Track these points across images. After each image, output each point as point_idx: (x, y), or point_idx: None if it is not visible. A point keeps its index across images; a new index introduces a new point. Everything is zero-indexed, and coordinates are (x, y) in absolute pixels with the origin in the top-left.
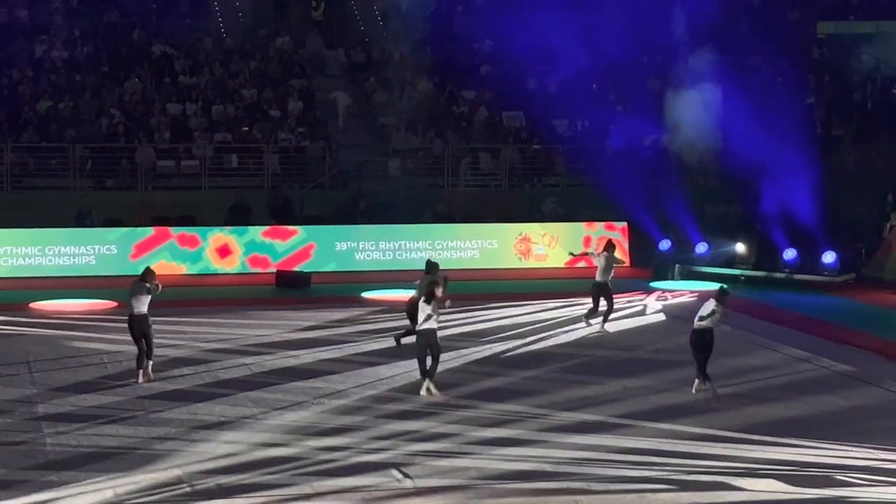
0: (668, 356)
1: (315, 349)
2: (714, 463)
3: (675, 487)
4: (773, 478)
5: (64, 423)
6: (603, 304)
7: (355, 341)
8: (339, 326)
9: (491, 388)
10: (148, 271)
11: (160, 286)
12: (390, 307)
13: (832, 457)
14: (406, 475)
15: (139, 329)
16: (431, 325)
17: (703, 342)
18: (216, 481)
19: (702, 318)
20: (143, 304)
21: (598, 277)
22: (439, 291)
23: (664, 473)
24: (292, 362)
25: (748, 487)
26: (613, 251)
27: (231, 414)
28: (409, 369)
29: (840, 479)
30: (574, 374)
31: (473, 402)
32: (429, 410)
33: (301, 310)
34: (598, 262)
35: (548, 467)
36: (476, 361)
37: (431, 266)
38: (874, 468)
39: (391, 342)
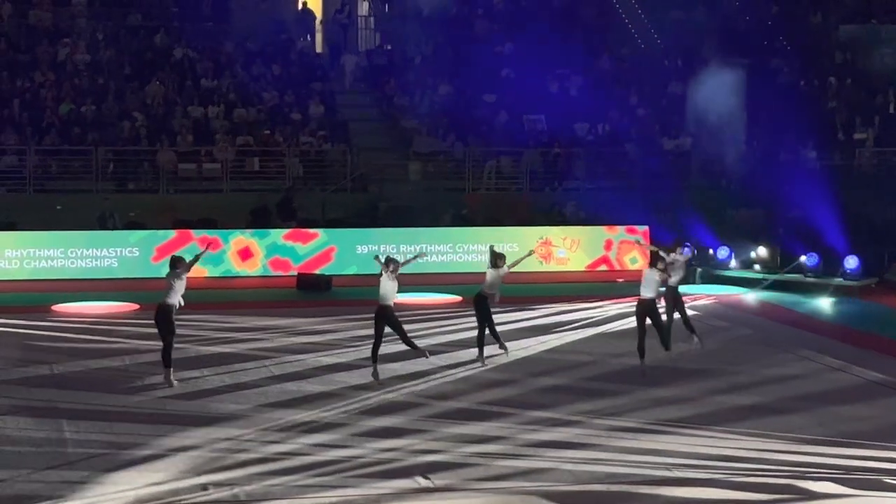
0: (697, 364)
1: (333, 351)
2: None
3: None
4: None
5: (85, 422)
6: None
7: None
8: (357, 328)
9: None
10: (174, 259)
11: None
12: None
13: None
14: (426, 479)
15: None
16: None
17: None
18: (241, 487)
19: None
20: (170, 295)
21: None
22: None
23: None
24: (312, 363)
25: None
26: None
27: (250, 414)
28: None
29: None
30: (605, 382)
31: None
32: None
33: (322, 313)
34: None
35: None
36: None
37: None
38: None
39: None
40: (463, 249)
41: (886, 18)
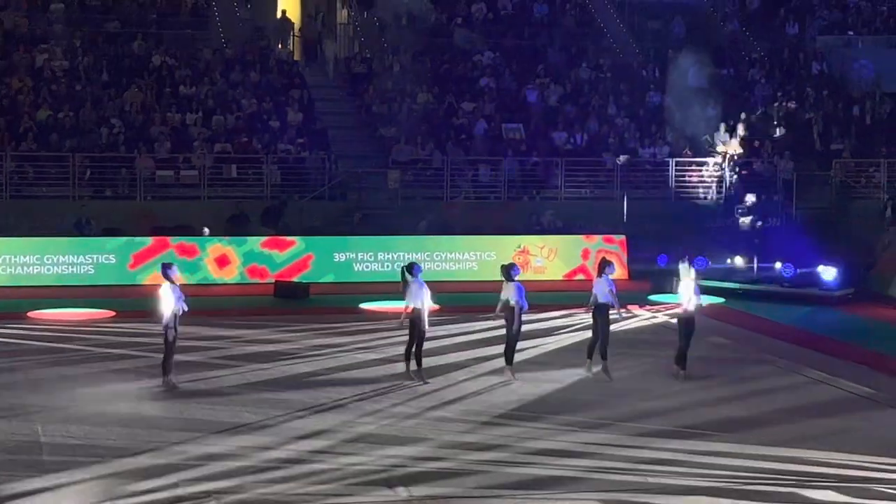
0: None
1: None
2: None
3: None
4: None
5: (61, 424)
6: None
7: (348, 350)
8: (334, 335)
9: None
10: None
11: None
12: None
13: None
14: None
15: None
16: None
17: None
18: (214, 495)
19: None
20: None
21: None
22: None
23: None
24: (289, 371)
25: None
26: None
27: (231, 421)
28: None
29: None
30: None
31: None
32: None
33: (299, 320)
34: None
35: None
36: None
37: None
38: None
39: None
40: (440, 258)
41: (863, 30)
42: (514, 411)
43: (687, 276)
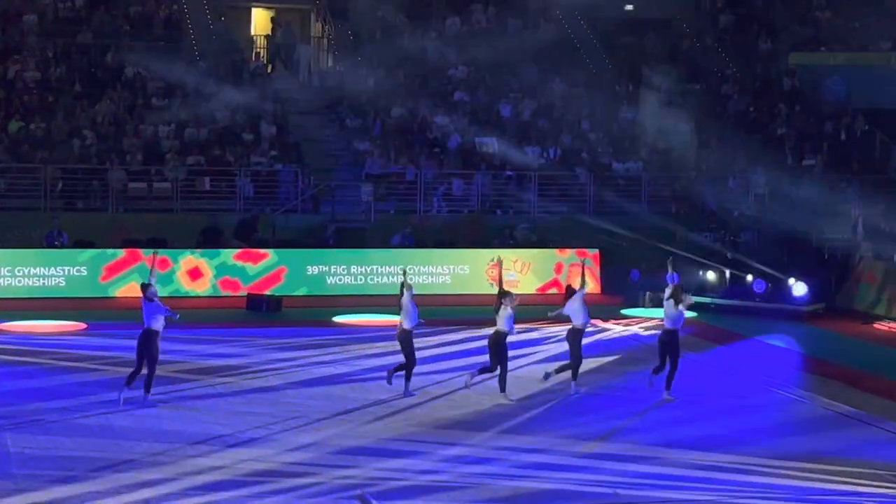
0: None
1: (284, 371)
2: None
3: None
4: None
5: (31, 436)
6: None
7: (321, 363)
8: (307, 348)
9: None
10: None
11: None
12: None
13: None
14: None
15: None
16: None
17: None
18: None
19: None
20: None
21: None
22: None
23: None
24: (261, 384)
25: None
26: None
27: (202, 433)
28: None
29: None
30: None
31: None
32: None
33: (271, 333)
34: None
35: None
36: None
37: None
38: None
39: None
40: (413, 271)
41: (836, 46)
42: (490, 425)
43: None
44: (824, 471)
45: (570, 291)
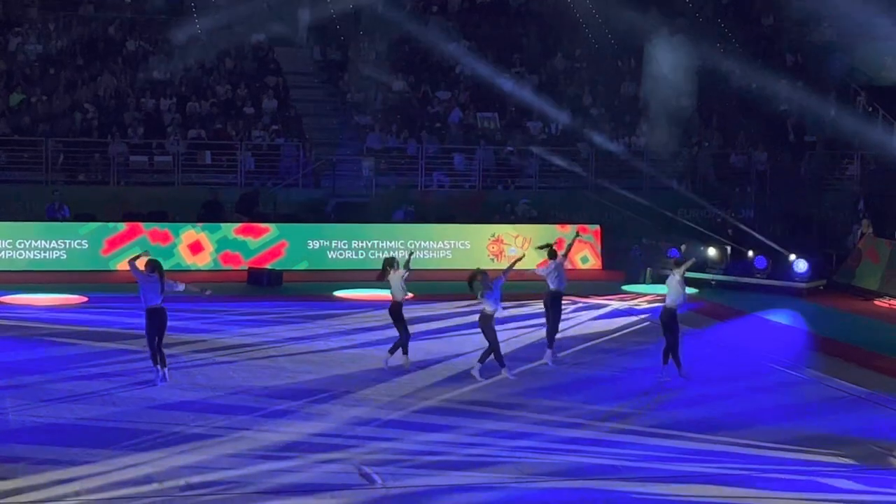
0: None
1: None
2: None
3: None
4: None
5: (32, 408)
6: None
7: (321, 336)
8: (307, 321)
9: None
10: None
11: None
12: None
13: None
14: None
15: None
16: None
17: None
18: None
19: None
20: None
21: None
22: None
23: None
24: (263, 357)
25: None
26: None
27: (203, 401)
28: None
29: None
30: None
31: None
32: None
33: (272, 307)
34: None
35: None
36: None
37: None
38: None
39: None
40: (414, 246)
41: (839, 22)
42: (498, 402)
43: (675, 270)
44: (830, 450)
45: (552, 255)
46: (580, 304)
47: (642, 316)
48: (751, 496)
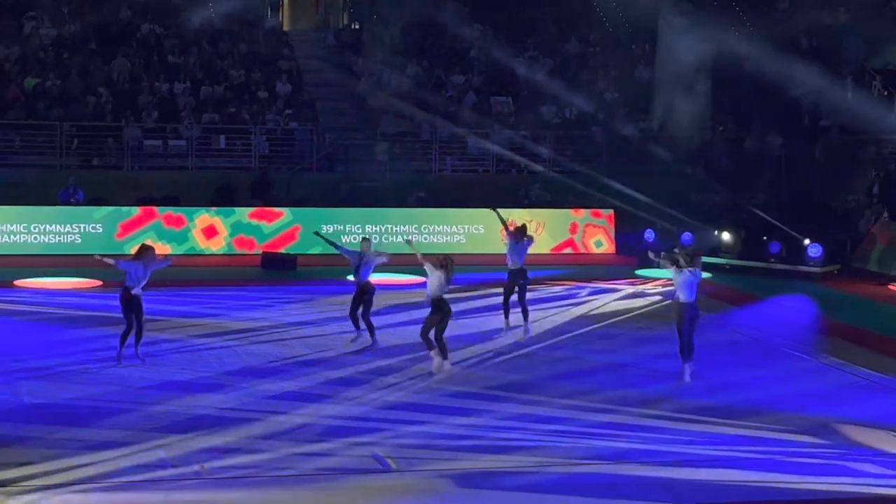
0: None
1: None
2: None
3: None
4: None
5: (46, 390)
6: None
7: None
8: (323, 306)
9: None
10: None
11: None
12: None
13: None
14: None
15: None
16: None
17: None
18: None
19: None
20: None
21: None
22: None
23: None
24: (278, 342)
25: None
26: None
27: (215, 383)
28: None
29: None
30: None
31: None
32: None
33: (287, 291)
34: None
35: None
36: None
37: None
38: None
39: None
40: (428, 230)
41: (854, 6)
42: (515, 385)
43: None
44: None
45: (521, 230)
46: (594, 288)
47: (656, 299)
48: (778, 481)
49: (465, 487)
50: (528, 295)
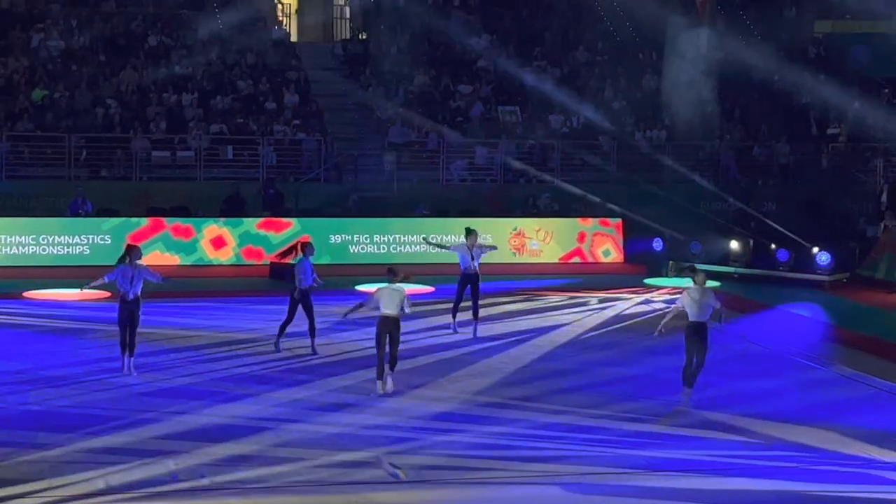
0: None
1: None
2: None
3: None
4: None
5: (55, 399)
6: None
7: (345, 330)
8: (330, 316)
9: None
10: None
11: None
12: None
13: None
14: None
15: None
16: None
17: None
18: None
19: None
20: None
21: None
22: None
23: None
24: (283, 351)
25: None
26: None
27: (214, 391)
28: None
29: None
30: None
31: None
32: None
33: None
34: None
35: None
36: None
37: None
38: None
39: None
40: (437, 241)
41: (861, 14)
42: (511, 391)
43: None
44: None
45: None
46: (602, 297)
47: (666, 308)
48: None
49: (478, 502)
50: (542, 303)
